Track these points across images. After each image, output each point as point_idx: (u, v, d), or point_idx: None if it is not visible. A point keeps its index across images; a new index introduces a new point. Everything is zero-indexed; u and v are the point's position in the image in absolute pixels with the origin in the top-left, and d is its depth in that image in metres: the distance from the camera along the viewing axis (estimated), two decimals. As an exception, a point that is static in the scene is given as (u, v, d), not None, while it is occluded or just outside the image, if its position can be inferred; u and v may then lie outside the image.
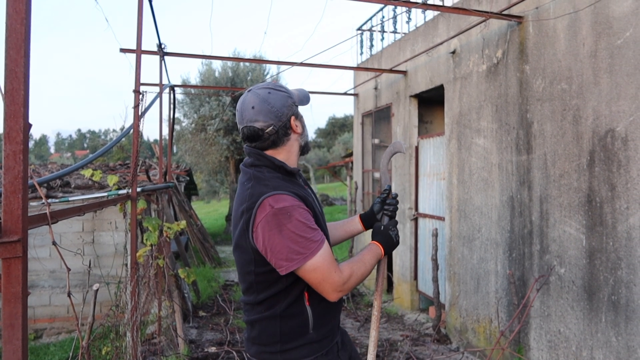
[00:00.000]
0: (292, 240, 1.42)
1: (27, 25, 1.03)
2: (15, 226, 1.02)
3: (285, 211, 1.43)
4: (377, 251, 1.69)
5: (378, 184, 7.84)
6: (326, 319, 1.63)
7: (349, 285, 1.52)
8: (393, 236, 1.75)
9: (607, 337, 3.15)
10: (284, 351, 1.58)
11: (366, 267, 1.61)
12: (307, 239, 1.43)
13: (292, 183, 1.60)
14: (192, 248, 10.28)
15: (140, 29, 3.36)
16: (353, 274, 1.54)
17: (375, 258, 1.67)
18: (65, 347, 6.22)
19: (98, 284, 2.25)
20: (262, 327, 1.58)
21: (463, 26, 4.84)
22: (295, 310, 1.57)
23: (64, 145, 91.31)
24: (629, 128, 2.98)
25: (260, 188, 1.50)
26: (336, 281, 1.48)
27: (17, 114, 1.02)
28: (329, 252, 1.49)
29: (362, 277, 1.58)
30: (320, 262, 1.45)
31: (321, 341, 1.61)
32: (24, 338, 1.03)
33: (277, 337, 1.57)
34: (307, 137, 1.70)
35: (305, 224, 1.44)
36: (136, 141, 3.16)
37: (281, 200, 1.45)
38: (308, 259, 1.43)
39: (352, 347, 1.80)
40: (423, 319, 5.89)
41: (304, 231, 1.43)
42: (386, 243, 1.73)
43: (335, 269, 1.48)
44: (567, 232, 3.50)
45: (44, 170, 8.70)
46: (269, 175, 1.55)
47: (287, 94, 1.62)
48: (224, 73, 16.69)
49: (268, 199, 1.45)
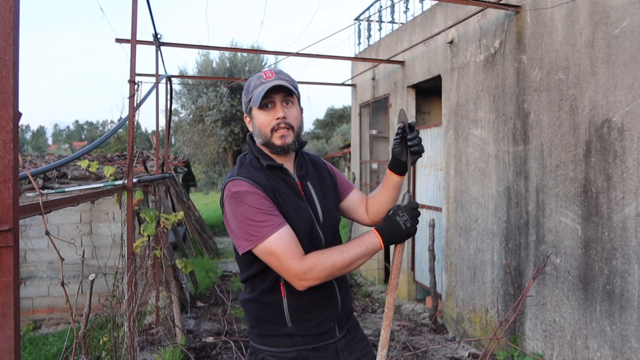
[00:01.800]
0: (244, 223, 1.48)
1: (16, 13, 1.02)
2: (6, 215, 1.02)
3: (238, 195, 1.50)
4: (371, 240, 1.49)
5: (376, 175, 7.85)
6: (308, 315, 1.59)
7: (314, 275, 1.44)
8: (402, 223, 1.50)
9: (601, 327, 3.18)
10: (264, 336, 1.62)
11: (344, 257, 1.45)
12: (257, 222, 1.46)
13: (271, 173, 1.61)
14: (190, 239, 10.30)
15: (135, 19, 3.34)
16: (318, 263, 1.44)
17: (364, 248, 1.48)
18: (64, 338, 6.25)
19: (94, 274, 2.25)
20: (246, 308, 1.67)
21: (460, 16, 4.82)
22: (270, 298, 1.59)
23: (61, 136, 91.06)
24: (625, 118, 2.98)
25: (231, 172, 1.61)
26: (294, 268, 1.44)
27: (6, 103, 1.01)
28: (287, 239, 1.46)
29: (337, 268, 1.45)
30: (274, 246, 1.45)
31: (304, 336, 1.59)
32: (16, 327, 1.04)
33: (256, 322, 1.63)
34: (262, 138, 1.59)
35: (257, 209, 1.47)
36: (131, 132, 3.15)
37: (237, 185, 1.52)
38: (260, 242, 1.46)
39: (363, 352, 1.72)
40: (420, 309, 5.92)
41: (254, 215, 1.47)
42: (388, 231, 1.50)
43: (293, 256, 1.44)
44: (563, 223, 3.51)
45: (41, 162, 8.68)
46: (247, 163, 1.64)
47: (245, 90, 1.64)
48: (221, 64, 16.64)
49: (229, 183, 1.55)
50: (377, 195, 1.80)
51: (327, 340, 1.63)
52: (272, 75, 1.60)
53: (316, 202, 1.67)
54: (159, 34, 5.11)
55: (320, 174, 1.77)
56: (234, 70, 16.40)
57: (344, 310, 1.69)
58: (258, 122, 1.60)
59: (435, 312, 5.12)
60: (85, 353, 2.12)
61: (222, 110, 15.90)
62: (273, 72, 1.61)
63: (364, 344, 1.75)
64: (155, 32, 5.11)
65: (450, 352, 4.51)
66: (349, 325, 1.72)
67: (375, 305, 6.24)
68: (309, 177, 1.71)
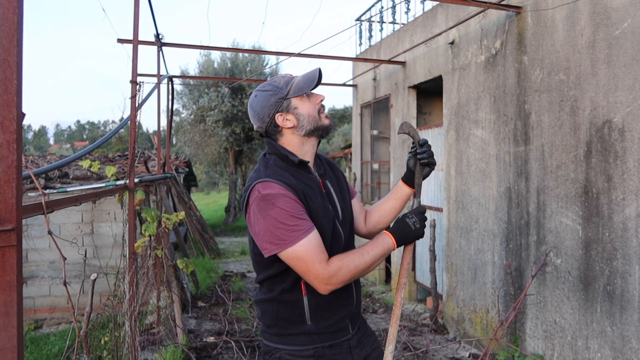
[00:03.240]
0: (274, 226, 1.47)
1: (20, 14, 1.03)
2: (10, 215, 1.03)
3: (270, 198, 1.49)
4: (385, 241, 1.58)
5: (377, 175, 7.85)
6: (327, 313, 1.62)
7: (339, 279, 1.49)
8: (411, 224, 1.60)
9: (602, 327, 3.18)
10: (282, 335, 1.63)
11: (364, 259, 1.52)
12: (288, 226, 1.46)
13: (297, 173, 1.62)
14: (191, 239, 10.31)
15: (136, 19, 3.34)
16: (343, 266, 1.49)
17: (381, 249, 1.56)
18: (65, 337, 6.26)
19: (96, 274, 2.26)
20: (263, 308, 1.67)
21: (462, 16, 4.82)
22: (290, 297, 1.60)
23: (63, 136, 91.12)
24: (626, 119, 2.98)
25: (257, 174, 1.59)
26: (321, 273, 1.47)
27: (10, 103, 1.02)
28: (315, 244, 1.48)
29: (359, 270, 1.52)
30: (303, 252, 1.46)
31: (322, 334, 1.62)
32: (19, 326, 1.04)
33: (274, 321, 1.64)
34: (311, 124, 1.64)
35: (288, 212, 1.47)
36: (133, 132, 3.16)
37: (268, 187, 1.51)
38: (288, 246, 1.46)
39: (373, 347, 1.76)
40: (421, 309, 5.93)
41: (285, 219, 1.47)
42: (400, 232, 1.59)
43: (320, 261, 1.47)
44: (564, 223, 3.51)
45: (42, 162, 8.70)
46: (272, 164, 1.62)
47: (272, 91, 1.63)
48: (222, 64, 16.64)
49: (258, 185, 1.53)
50: (382, 204, 1.87)
51: (342, 337, 1.66)
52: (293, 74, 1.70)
53: (336, 200, 1.71)
54: (161, 34, 5.12)
55: (335, 173, 1.83)
56: (236, 70, 16.40)
57: (357, 307, 1.72)
58: (305, 108, 1.63)
59: (436, 312, 5.12)
60: (87, 352, 2.13)
61: (224, 111, 15.90)
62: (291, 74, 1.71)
63: (373, 339, 1.80)
64: (156, 33, 5.12)
65: (451, 352, 4.52)
66: (359, 322, 1.76)
67: (376, 305, 6.24)
68: (327, 175, 1.76)
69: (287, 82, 1.64)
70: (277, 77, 1.68)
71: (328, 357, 1.62)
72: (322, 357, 1.62)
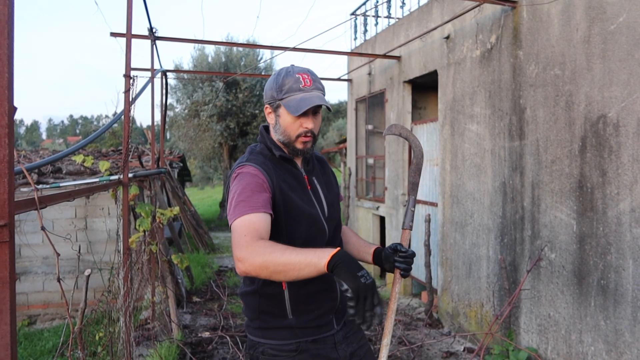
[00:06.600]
0: (235, 199, 1.49)
1: (10, 7, 1.01)
2: (2, 211, 1.02)
3: (241, 176, 1.54)
4: (320, 256, 1.29)
5: (372, 170, 7.85)
6: (309, 307, 1.61)
7: (252, 262, 1.32)
8: (361, 274, 1.30)
9: (595, 321, 3.20)
10: (264, 329, 1.63)
11: (283, 258, 1.30)
12: (242, 201, 1.47)
13: (280, 165, 1.64)
14: (186, 234, 10.29)
15: (130, 13, 3.31)
16: (262, 252, 1.33)
17: (309, 259, 1.29)
18: (59, 333, 6.24)
19: (90, 269, 2.24)
20: (246, 301, 1.67)
21: (457, 11, 4.81)
22: (271, 290, 1.60)
23: (55, 131, 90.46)
24: (621, 114, 2.99)
25: (240, 159, 1.65)
26: (239, 249, 1.35)
27: (1, 97, 1.00)
28: (257, 222, 1.41)
29: (274, 264, 1.31)
30: (239, 225, 1.41)
31: (304, 328, 1.61)
32: (12, 322, 1.03)
33: (256, 314, 1.64)
34: (284, 137, 1.61)
35: (250, 188, 1.49)
36: (127, 126, 3.13)
37: (243, 168, 1.57)
38: (236, 217, 1.44)
39: (360, 344, 1.74)
40: (415, 303, 5.95)
41: (242, 192, 1.49)
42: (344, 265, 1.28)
43: (247, 235, 1.37)
44: (558, 218, 3.53)
45: (35, 156, 8.63)
46: (258, 151, 1.66)
47: (274, 87, 1.61)
48: (217, 58, 16.54)
49: (237, 168, 1.59)
50: (350, 238, 1.86)
51: (326, 332, 1.65)
52: (310, 82, 1.59)
53: (322, 196, 1.71)
54: (155, 28, 5.07)
55: (324, 170, 1.83)
56: (230, 65, 16.31)
57: (342, 303, 1.70)
58: (285, 123, 1.61)
59: (430, 306, 5.15)
60: (81, 348, 2.12)
61: (218, 105, 15.83)
62: (310, 79, 1.60)
63: (360, 335, 1.78)
64: (150, 26, 5.07)
65: (446, 346, 4.54)
66: (345, 318, 1.73)
67: (371, 300, 6.25)
68: (315, 172, 1.76)
69: (289, 89, 1.58)
70: (290, 74, 1.61)
71: (312, 352, 1.61)
72: (305, 352, 1.61)
